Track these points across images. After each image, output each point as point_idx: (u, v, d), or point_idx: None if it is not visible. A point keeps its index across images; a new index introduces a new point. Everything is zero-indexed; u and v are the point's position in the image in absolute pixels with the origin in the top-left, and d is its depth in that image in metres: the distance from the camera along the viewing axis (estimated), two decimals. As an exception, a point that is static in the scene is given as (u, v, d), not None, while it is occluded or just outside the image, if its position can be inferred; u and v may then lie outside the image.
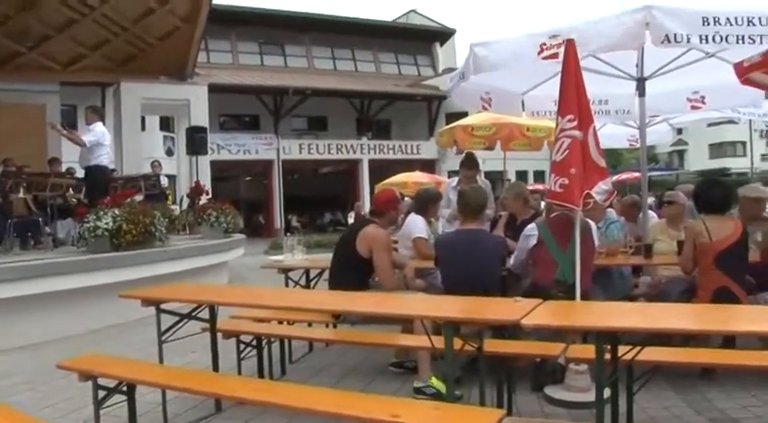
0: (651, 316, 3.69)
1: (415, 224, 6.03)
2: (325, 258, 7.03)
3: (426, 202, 6.23)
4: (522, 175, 31.05)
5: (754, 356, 4.33)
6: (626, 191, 14.53)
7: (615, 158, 38.82)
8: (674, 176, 34.80)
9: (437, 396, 4.37)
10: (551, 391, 4.55)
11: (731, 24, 4.89)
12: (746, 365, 4.28)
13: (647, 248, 5.75)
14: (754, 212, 5.77)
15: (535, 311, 3.29)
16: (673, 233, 5.98)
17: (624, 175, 24.21)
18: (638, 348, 3.24)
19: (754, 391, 4.64)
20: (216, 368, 4.68)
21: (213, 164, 19.07)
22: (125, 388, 3.86)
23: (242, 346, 5.10)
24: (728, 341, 4.89)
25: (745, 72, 5.26)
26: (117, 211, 8.46)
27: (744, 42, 4.91)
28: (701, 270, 4.99)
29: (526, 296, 4.10)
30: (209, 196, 13.48)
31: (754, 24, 4.91)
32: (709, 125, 39.63)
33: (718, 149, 53.06)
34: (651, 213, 7.44)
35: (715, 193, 5.19)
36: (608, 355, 3.41)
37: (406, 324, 4.88)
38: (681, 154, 56.33)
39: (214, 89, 21.23)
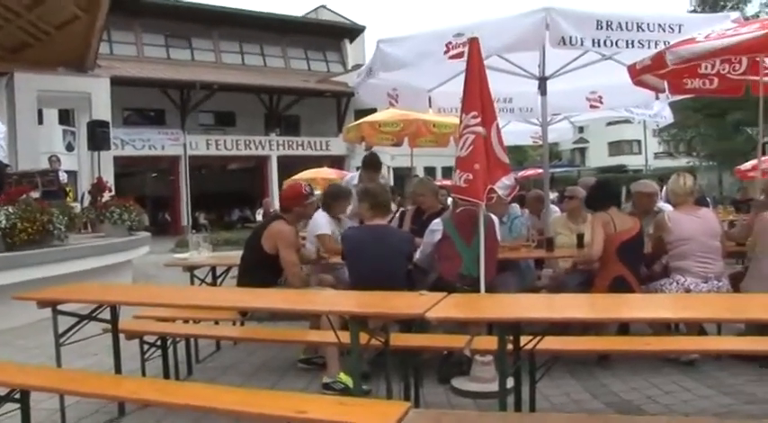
0: (551, 306, 3.84)
1: (317, 221, 5.98)
2: (232, 256, 6.93)
3: (331, 199, 6.19)
4: (430, 172, 31.45)
5: (645, 342, 4.58)
6: (530, 186, 14.97)
7: (521, 155, 39.95)
8: (576, 173, 36.10)
9: (346, 391, 4.38)
10: (458, 382, 4.68)
11: (622, 29, 5.16)
12: (638, 351, 4.53)
13: (549, 242, 5.96)
14: (647, 206, 6.09)
15: (439, 304, 3.34)
16: (573, 226, 6.21)
17: (529, 172, 24.94)
18: (538, 338, 3.33)
19: (645, 375, 4.89)
20: (118, 370, 4.52)
21: (117, 159, 18.39)
22: (18, 395, 3.67)
23: (146, 347, 4.96)
24: (623, 328, 5.15)
25: (637, 74, 5.54)
26: (11, 209, 8.04)
27: (633, 46, 5.19)
28: (601, 259, 5.22)
29: (432, 290, 4.17)
30: (113, 193, 12.99)
31: (643, 30, 5.20)
32: (609, 124, 41.39)
33: (616, 147, 55.55)
34: (554, 207, 7.71)
35: (605, 188, 5.48)
36: (511, 346, 3.50)
37: (314, 320, 4.87)
38: (582, 151, 58.59)
39: (117, 82, 20.48)
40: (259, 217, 21.61)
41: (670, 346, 4.69)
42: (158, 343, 4.98)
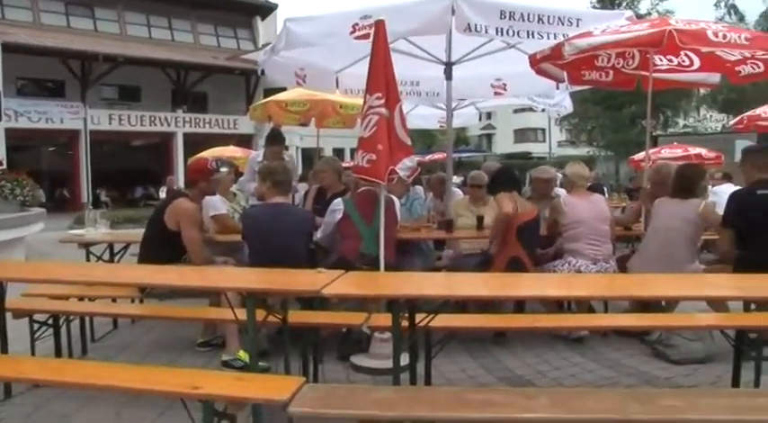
0: (447, 285, 3.95)
1: (212, 201, 5.89)
2: (131, 233, 6.74)
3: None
4: (339, 153, 31.37)
5: (538, 319, 4.80)
6: (437, 170, 15.21)
7: (429, 139, 40.47)
8: (483, 158, 36.95)
9: (245, 369, 4.37)
10: (357, 359, 4.76)
11: (524, 20, 5.33)
12: (531, 328, 4.74)
13: (449, 223, 6.10)
14: (545, 191, 6.33)
15: (336, 282, 3.39)
16: (474, 209, 6.37)
17: (437, 155, 25.28)
18: (432, 315, 3.43)
19: (537, 351, 5.12)
20: (4, 350, 4.33)
21: (9, 132, 17.42)
22: None
23: (36, 326, 4.76)
24: (519, 307, 5.36)
25: (537, 63, 5.74)
26: None
27: (534, 37, 5.37)
28: (501, 240, 5.41)
29: (333, 269, 4.20)
30: (4, 167, 12.34)
31: (544, 22, 5.38)
32: (515, 112, 42.44)
33: (521, 135, 56.98)
34: (457, 191, 7.88)
35: (509, 172, 5.68)
36: (407, 323, 3.58)
37: (214, 297, 4.82)
38: (489, 137, 59.79)
39: (10, 49, 19.37)
40: (162, 195, 21.02)
41: (560, 323, 4.94)
42: (50, 322, 4.78)
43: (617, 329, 5.28)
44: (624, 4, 32.48)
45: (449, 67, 6.75)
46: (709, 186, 8.38)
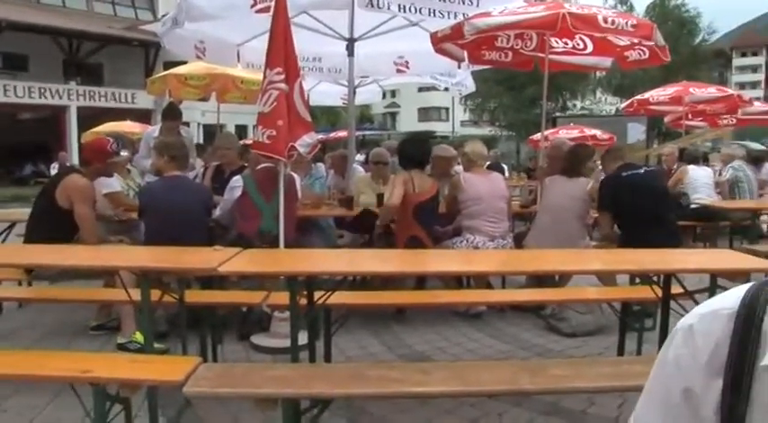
0: (347, 261, 3.95)
1: (102, 179, 5.64)
2: (17, 212, 6.39)
3: None
4: (242, 129, 30.75)
5: (437, 296, 4.88)
6: (342, 147, 15.19)
7: (334, 117, 40.25)
8: (386, 136, 37.07)
9: (141, 351, 4.24)
10: (257, 339, 4.71)
11: (427, -2, 5.33)
12: (430, 304, 4.83)
13: (349, 201, 6.10)
14: (445, 169, 6.41)
15: (233, 259, 3.33)
16: (375, 187, 6.40)
17: (341, 133, 25.18)
18: (330, 292, 3.42)
19: (437, 328, 5.21)
20: None
21: None
22: None
23: None
24: (419, 284, 5.44)
25: (438, 42, 5.78)
26: None
27: (436, 15, 5.40)
28: (399, 219, 5.45)
29: (231, 247, 4.12)
30: None
31: (445, 1, 5.41)
32: (420, 90, 42.81)
33: (425, 113, 57.62)
34: (359, 168, 7.88)
35: (414, 148, 5.70)
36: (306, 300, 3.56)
37: (108, 278, 4.64)
38: (393, 116, 60.20)
39: None
40: (54, 172, 20.02)
41: (459, 299, 5.06)
42: None
43: (514, 305, 5.46)
44: (529, -15, 33.26)
45: (351, 43, 6.71)
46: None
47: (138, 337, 4.37)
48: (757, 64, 68.06)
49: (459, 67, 7.72)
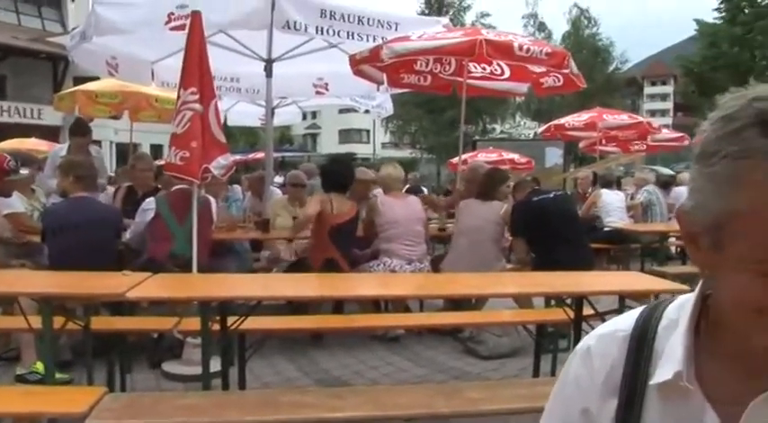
0: (262, 286, 3.86)
1: (3, 200, 5.37)
2: None
3: None
4: (157, 149, 29.96)
5: (354, 320, 4.84)
6: (261, 169, 15.03)
7: (253, 137, 39.77)
8: (306, 158, 36.90)
9: (42, 382, 4.01)
10: (169, 366, 4.53)
11: (344, 21, 5.37)
12: (347, 328, 4.78)
13: (265, 223, 6.00)
14: (363, 193, 6.38)
15: (143, 284, 3.20)
16: (292, 209, 6.32)
17: (260, 154, 24.88)
18: (243, 317, 3.33)
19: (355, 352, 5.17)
20: None
21: None
22: None
23: None
24: (337, 308, 5.38)
25: (356, 64, 5.80)
26: None
27: (354, 38, 5.43)
28: (315, 240, 5.40)
29: (143, 270, 3.97)
30: None
31: (363, 24, 5.46)
32: (341, 112, 42.76)
33: (346, 135, 57.67)
34: (276, 190, 7.77)
35: (337, 170, 5.67)
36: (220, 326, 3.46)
37: (6, 305, 4.39)
38: (314, 137, 60.03)
39: None
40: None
41: (376, 322, 5.01)
42: None
43: (431, 328, 5.46)
44: (451, 12, 34.07)
45: (269, 64, 6.63)
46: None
47: (39, 367, 4.13)
48: (666, 93, 71.45)
49: (378, 90, 7.76)
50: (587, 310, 3.65)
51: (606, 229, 8.20)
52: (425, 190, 14.20)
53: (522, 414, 3.50)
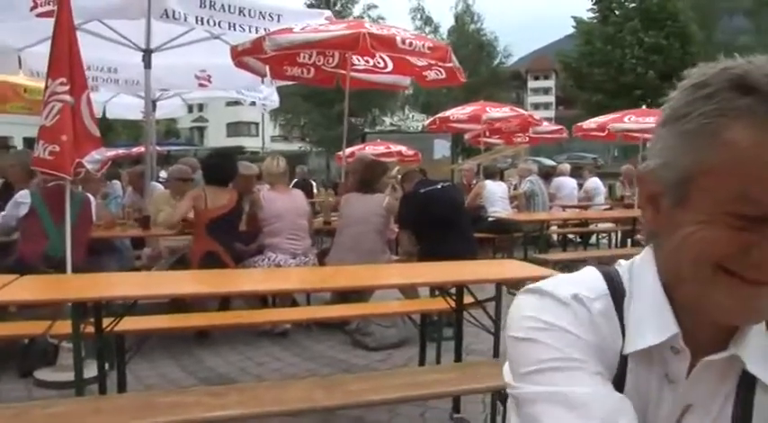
0: (141, 284, 3.72)
1: None
2: None
3: None
4: (31, 143, 28.24)
5: (240, 316, 4.76)
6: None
7: (137, 131, 38.28)
8: (194, 152, 35.91)
9: None
10: (41, 373, 4.29)
11: (225, 11, 5.27)
12: (233, 325, 4.69)
13: (146, 220, 5.80)
14: (247, 187, 6.27)
15: (9, 287, 3.00)
16: (175, 204, 6.13)
17: (143, 148, 24.00)
18: (118, 318, 3.19)
19: (241, 349, 5.09)
20: None
21: None
22: None
23: None
24: (224, 305, 5.27)
25: (238, 55, 5.70)
26: None
27: (235, 29, 5.34)
28: (194, 235, 5.30)
29: (11, 272, 3.74)
30: None
31: (245, 15, 5.38)
32: (228, 105, 41.72)
33: (235, 128, 56.46)
34: (158, 185, 7.52)
35: (216, 164, 5.55)
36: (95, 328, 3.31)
37: None
38: (201, 130, 58.47)
39: None
40: None
41: (263, 318, 4.95)
42: None
43: (319, 321, 5.46)
44: (339, 4, 34.05)
45: (147, 54, 6.39)
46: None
47: None
48: (548, 87, 74.12)
49: (263, 82, 7.66)
50: (468, 299, 3.75)
51: (490, 218, 8.46)
52: (314, 183, 14.18)
53: (409, 402, 3.60)
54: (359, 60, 6.43)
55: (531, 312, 0.85)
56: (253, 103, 10.56)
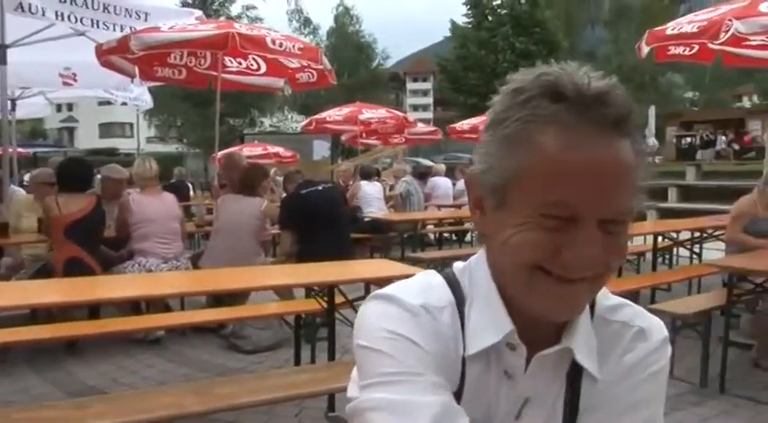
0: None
1: None
2: None
3: None
4: None
5: (110, 324, 4.59)
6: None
7: (0, 131, 35.99)
8: (63, 154, 34.15)
9: None
10: None
11: (88, 7, 5.08)
12: (102, 333, 4.50)
13: (3, 228, 5.48)
14: (115, 191, 6.04)
15: None
16: (38, 209, 5.83)
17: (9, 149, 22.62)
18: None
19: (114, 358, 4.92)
20: None
21: None
22: None
23: None
24: (94, 313, 5.06)
25: (103, 54, 5.50)
26: None
27: (100, 27, 5.14)
28: (54, 242, 5.09)
29: None
30: None
31: (110, 12, 5.21)
32: (100, 104, 39.81)
33: (107, 129, 54.05)
34: (19, 190, 7.12)
35: (68, 170, 5.32)
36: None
37: None
38: (71, 131, 55.62)
39: None
40: None
41: (135, 325, 4.79)
42: None
43: (194, 326, 5.34)
44: (216, 3, 33.39)
45: (2, 49, 6.02)
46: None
47: None
48: (427, 88, 75.59)
49: (132, 82, 7.41)
50: (340, 299, 3.80)
51: (366, 219, 8.58)
52: (191, 185, 13.87)
53: (283, 403, 3.60)
54: (231, 62, 6.36)
55: (379, 320, 0.86)
56: (124, 104, 10.19)
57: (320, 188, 5.61)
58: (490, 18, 32.60)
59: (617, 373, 0.89)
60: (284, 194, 6.45)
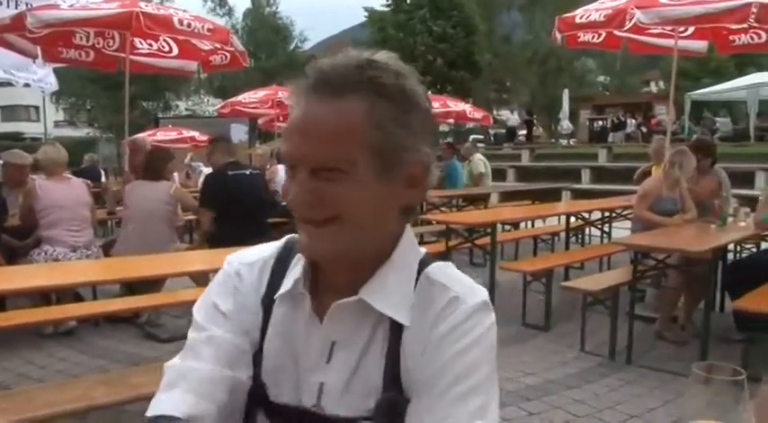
0: None
1: None
2: None
3: None
4: None
5: (15, 316, 4.38)
6: None
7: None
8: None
9: None
10: None
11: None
12: (9, 326, 4.29)
13: None
14: (18, 178, 5.77)
15: None
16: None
17: None
18: None
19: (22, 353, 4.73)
20: None
21: None
22: None
23: None
24: (-1, 305, 4.85)
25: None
26: None
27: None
28: None
29: None
30: None
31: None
32: (2, 85, 37.80)
33: (11, 112, 51.33)
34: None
35: None
36: None
37: None
38: (-30, 115, 52.75)
39: None
40: None
41: (43, 316, 4.59)
42: None
43: (107, 316, 5.19)
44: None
45: None
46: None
47: None
48: (345, 72, 75.46)
49: (34, 63, 7.06)
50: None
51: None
52: (102, 171, 13.41)
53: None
54: (142, 43, 6.16)
55: (208, 288, 1.06)
56: (27, 85, 9.68)
57: (247, 173, 5.53)
58: (408, 1, 32.63)
59: (433, 340, 0.94)
60: (208, 169, 6.29)
